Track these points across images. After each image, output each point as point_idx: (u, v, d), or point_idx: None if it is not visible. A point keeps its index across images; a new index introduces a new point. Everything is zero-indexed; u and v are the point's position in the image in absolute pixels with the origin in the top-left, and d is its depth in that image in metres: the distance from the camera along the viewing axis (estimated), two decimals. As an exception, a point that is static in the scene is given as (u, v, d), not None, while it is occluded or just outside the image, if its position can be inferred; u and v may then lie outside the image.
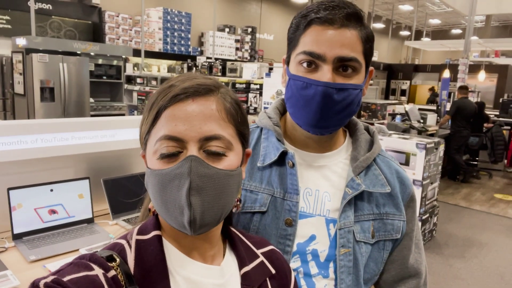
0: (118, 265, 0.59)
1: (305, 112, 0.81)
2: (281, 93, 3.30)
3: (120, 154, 2.11)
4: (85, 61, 6.28)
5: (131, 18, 8.78)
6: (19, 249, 1.56)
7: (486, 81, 10.74)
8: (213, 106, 0.62)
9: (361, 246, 0.87)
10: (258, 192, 0.89)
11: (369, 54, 0.83)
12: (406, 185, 0.94)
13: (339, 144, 0.93)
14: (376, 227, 0.89)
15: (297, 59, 0.82)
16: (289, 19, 0.91)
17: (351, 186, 0.86)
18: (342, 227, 0.85)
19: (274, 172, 0.89)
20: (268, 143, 0.92)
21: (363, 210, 0.88)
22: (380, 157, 0.94)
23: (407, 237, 0.94)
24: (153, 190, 0.61)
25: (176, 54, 9.58)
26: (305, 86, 0.80)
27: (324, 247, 0.86)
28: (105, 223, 1.89)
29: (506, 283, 3.52)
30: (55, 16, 7.78)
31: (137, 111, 5.99)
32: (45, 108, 5.83)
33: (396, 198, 0.91)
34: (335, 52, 0.77)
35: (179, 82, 0.63)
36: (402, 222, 0.92)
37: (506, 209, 5.62)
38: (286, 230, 0.86)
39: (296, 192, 0.86)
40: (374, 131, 0.97)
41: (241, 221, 0.88)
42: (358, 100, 0.83)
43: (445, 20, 16.78)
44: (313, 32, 0.79)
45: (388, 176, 0.92)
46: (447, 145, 6.45)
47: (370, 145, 0.94)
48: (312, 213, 0.88)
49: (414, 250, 0.96)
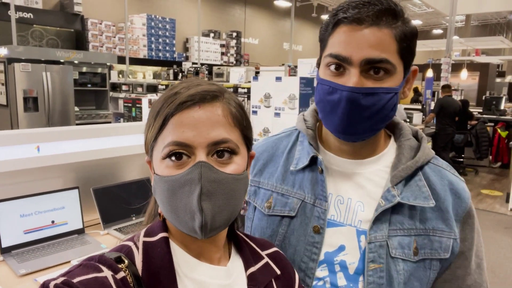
0: (127, 266, 0.60)
1: (332, 118, 0.78)
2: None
3: (109, 162, 2.07)
4: (69, 70, 6.18)
5: (114, 25, 8.70)
6: (8, 263, 1.51)
7: (469, 79, 10.94)
8: (219, 111, 0.63)
9: (398, 263, 0.79)
10: (289, 196, 0.86)
11: (408, 53, 0.76)
12: (461, 199, 0.84)
13: (380, 150, 0.86)
14: (421, 243, 0.81)
15: (325, 62, 0.78)
16: (273, 23, 0.88)
17: (385, 198, 0.80)
18: (373, 241, 0.79)
19: (306, 176, 0.86)
20: (302, 147, 0.89)
21: (402, 224, 0.81)
22: (431, 166, 0.86)
23: (462, 256, 0.84)
24: (162, 196, 0.61)
25: (161, 60, 9.54)
26: (331, 91, 0.76)
27: (353, 259, 0.81)
28: (96, 233, 1.85)
29: (499, 277, 3.57)
30: (37, 25, 7.66)
31: (123, 119, 5.92)
32: (28, 118, 5.72)
33: (446, 213, 0.82)
34: (362, 54, 0.72)
35: (183, 89, 0.63)
36: (452, 240, 0.82)
37: (493, 204, 5.72)
38: (313, 237, 0.83)
39: (325, 199, 0.83)
40: (423, 136, 0.89)
41: (270, 224, 0.87)
42: (392, 105, 0.76)
43: (426, 20, 17.08)
44: (341, 33, 0.75)
45: (437, 188, 0.83)
46: (433, 143, 6.54)
47: (416, 152, 0.86)
48: (342, 223, 0.83)
49: (474, 271, 0.86)
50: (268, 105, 3.68)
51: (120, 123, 5.27)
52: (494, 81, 12.12)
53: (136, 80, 8.75)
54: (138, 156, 2.11)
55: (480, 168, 7.90)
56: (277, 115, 3.58)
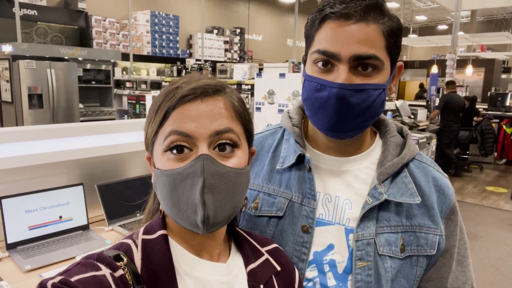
0: (126, 264, 0.59)
1: (321, 116, 0.76)
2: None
3: (113, 159, 2.08)
4: (73, 67, 6.20)
5: (118, 22, 8.71)
6: (13, 259, 1.52)
7: (474, 75, 10.86)
8: (221, 104, 0.62)
9: (385, 261, 0.79)
10: (276, 196, 0.85)
11: (395, 49, 0.76)
12: (445, 195, 0.84)
13: (366, 147, 0.85)
14: (407, 240, 0.80)
15: (312, 58, 0.76)
16: (277, 19, 0.87)
17: (372, 195, 0.79)
18: (360, 239, 0.79)
19: (293, 175, 0.84)
20: (288, 145, 0.87)
21: (389, 221, 0.80)
22: (416, 162, 0.85)
23: (447, 254, 0.84)
24: (163, 190, 0.61)
25: (165, 57, 9.54)
26: (319, 87, 0.75)
27: (342, 258, 0.80)
28: (101, 230, 1.86)
29: (502, 274, 3.55)
30: (41, 22, 7.69)
31: (127, 116, 5.93)
32: (33, 115, 5.75)
33: (431, 210, 0.82)
34: (351, 50, 0.71)
35: (184, 83, 0.63)
36: (438, 237, 0.82)
37: (498, 201, 5.69)
38: (302, 237, 0.81)
39: (313, 197, 0.82)
40: (408, 133, 0.88)
41: (258, 224, 0.85)
42: (381, 101, 0.76)
43: (431, 16, 16.96)
44: (328, 29, 0.73)
45: (422, 185, 0.83)
46: (438, 139, 6.51)
47: (402, 149, 0.85)
48: (331, 221, 0.82)
49: (456, 268, 0.85)
50: (272, 101, 3.68)
51: (124, 120, 5.29)
52: (499, 77, 12.03)
53: (140, 77, 8.76)
54: (142, 152, 2.10)
55: (485, 165, 7.85)
56: (280, 112, 3.57)
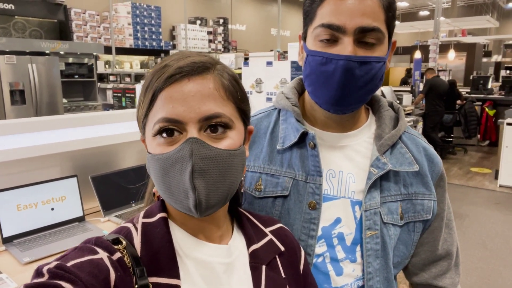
0: (125, 247, 0.59)
1: (326, 90, 0.77)
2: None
3: (106, 150, 2.06)
4: (55, 61, 6.05)
5: (98, 15, 8.52)
6: (11, 252, 1.50)
7: (456, 60, 11.01)
8: (211, 84, 0.60)
9: (389, 229, 0.83)
10: (279, 176, 0.85)
11: (392, 24, 0.78)
12: (435, 163, 0.89)
13: (362, 122, 0.88)
14: (405, 208, 0.85)
15: (315, 33, 0.77)
16: (260, 9, 0.86)
17: (376, 166, 0.82)
18: (368, 209, 0.81)
19: (294, 154, 0.85)
20: (287, 125, 0.88)
21: (389, 191, 0.84)
22: (406, 135, 0.89)
23: (438, 218, 0.90)
24: (156, 175, 0.60)
25: (148, 49, 9.38)
26: (324, 61, 0.75)
27: (350, 230, 0.83)
28: (96, 221, 1.84)
29: (490, 251, 3.66)
30: (19, 16, 7.47)
31: (113, 109, 5.85)
32: (16, 111, 5.61)
33: (425, 177, 0.87)
34: (356, 22, 0.72)
35: (173, 61, 0.61)
36: (432, 202, 0.87)
37: (482, 182, 5.83)
38: (310, 214, 0.83)
39: (319, 174, 0.83)
40: (399, 107, 0.92)
41: (263, 206, 0.86)
42: (381, 74, 0.77)
43: (413, 2, 17.09)
44: (331, 3, 0.74)
45: (415, 154, 0.87)
46: (423, 123, 6.61)
47: (395, 122, 0.89)
48: (336, 196, 0.84)
49: (444, 231, 0.91)
50: (260, 90, 3.67)
51: (116, 110, 5.21)
52: (480, 61, 12.22)
53: (123, 70, 8.62)
54: (135, 143, 2.09)
55: (469, 147, 8.03)
56: (269, 100, 3.57)
